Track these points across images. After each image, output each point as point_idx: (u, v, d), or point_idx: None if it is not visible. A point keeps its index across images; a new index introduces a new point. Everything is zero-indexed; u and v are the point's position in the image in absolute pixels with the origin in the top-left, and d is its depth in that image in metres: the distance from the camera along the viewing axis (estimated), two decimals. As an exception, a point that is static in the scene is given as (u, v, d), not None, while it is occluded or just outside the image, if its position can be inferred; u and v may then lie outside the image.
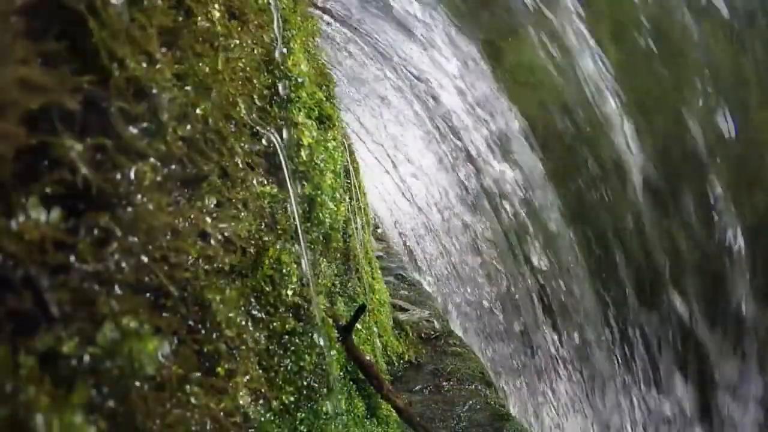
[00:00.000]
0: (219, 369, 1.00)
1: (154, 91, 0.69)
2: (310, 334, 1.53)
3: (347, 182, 2.86)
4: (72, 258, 0.59)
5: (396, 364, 3.78)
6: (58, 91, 0.49)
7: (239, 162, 1.04)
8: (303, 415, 1.51)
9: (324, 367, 1.62)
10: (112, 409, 0.64)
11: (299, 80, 1.31)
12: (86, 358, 0.59)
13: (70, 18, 0.58)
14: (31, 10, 0.51)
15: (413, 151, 5.90)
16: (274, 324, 1.36)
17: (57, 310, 0.55)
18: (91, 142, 0.60)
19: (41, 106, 0.47)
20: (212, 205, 0.99)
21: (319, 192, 1.63)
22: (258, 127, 1.07)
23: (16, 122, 0.43)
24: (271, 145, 1.13)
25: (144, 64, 0.68)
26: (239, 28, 0.97)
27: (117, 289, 0.68)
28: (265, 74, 1.14)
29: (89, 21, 0.59)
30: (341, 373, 2.22)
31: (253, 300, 1.21)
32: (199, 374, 0.91)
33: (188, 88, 0.80)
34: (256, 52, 1.05)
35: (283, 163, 1.14)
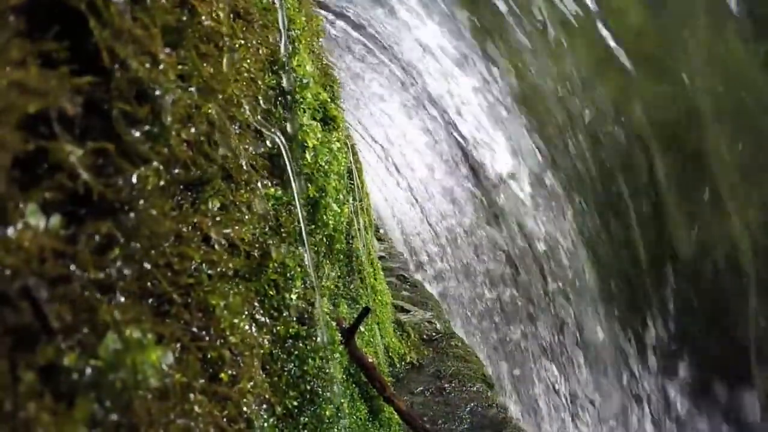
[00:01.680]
0: (223, 375, 0.98)
1: (158, 92, 0.67)
2: (313, 338, 1.51)
3: (350, 183, 2.84)
4: (72, 266, 0.57)
5: (398, 365, 3.77)
6: (57, 94, 0.47)
7: (243, 164, 1.01)
8: (306, 419, 1.50)
9: (327, 370, 1.60)
10: (115, 423, 0.62)
11: (304, 81, 1.28)
12: (88, 370, 0.57)
13: (70, 17, 0.56)
14: (28, 9, 0.49)
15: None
16: (278, 328, 1.34)
17: (57, 322, 0.53)
18: (92, 146, 0.57)
19: (39, 110, 0.45)
20: (216, 209, 0.96)
21: (324, 194, 1.61)
22: (262, 129, 1.05)
23: (13, 128, 0.40)
24: (276, 146, 1.11)
25: (147, 65, 0.66)
26: (244, 28, 0.94)
27: (119, 298, 0.66)
28: (270, 75, 1.11)
29: (90, 20, 0.57)
30: (344, 376, 2.20)
31: (257, 304, 1.19)
32: (203, 381, 0.89)
33: (192, 89, 0.78)
34: (261, 52, 1.02)
35: (287, 165, 1.12)
